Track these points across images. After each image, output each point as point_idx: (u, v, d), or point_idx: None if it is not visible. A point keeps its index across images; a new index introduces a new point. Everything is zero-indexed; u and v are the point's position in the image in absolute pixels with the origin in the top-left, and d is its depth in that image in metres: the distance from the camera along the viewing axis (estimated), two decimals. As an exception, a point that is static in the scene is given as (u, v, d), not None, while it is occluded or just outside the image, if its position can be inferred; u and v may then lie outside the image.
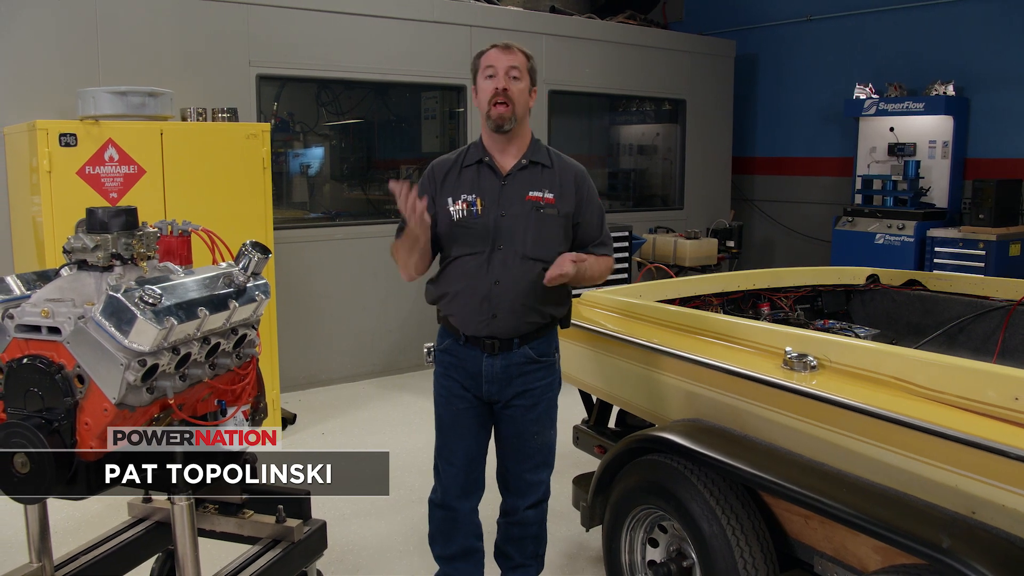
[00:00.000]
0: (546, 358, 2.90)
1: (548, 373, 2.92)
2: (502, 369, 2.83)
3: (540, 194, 2.80)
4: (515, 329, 2.80)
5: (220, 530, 2.95)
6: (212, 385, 2.50)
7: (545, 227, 2.79)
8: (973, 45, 7.73)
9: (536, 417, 2.90)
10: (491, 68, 2.76)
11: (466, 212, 2.78)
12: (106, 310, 2.13)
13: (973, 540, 1.98)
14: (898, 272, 4.42)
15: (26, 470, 2.17)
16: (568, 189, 2.84)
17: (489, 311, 2.77)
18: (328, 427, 5.54)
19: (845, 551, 2.40)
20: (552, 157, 2.89)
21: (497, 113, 2.75)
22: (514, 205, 2.79)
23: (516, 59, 2.77)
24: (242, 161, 4.96)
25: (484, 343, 2.81)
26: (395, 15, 6.70)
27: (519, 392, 2.86)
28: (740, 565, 2.48)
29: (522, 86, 2.77)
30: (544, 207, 2.79)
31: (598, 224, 2.92)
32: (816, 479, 2.33)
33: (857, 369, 2.46)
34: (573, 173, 2.89)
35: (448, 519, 3.02)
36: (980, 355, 3.75)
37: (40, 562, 2.62)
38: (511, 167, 2.82)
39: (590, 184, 2.93)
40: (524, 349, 2.83)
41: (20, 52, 5.19)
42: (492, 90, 2.75)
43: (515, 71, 2.75)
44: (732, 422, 2.71)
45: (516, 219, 2.77)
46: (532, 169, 2.84)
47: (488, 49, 2.82)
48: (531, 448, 2.93)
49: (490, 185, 2.81)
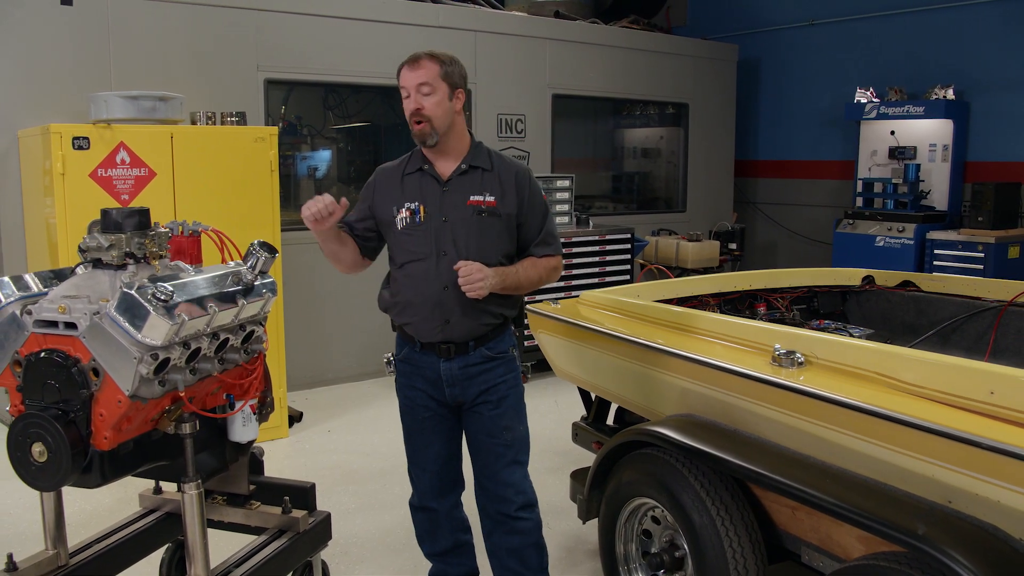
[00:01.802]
0: (503, 354, 2.91)
1: (508, 368, 2.93)
2: (460, 370, 2.85)
3: (481, 197, 2.81)
4: (469, 332, 2.82)
5: (228, 520, 3.05)
6: (221, 379, 2.60)
7: (487, 230, 2.81)
8: (973, 50, 7.78)
9: (503, 412, 2.90)
10: (403, 88, 2.77)
11: (409, 220, 2.82)
12: (120, 306, 2.23)
13: (949, 528, 2.05)
14: (893, 273, 4.50)
15: (44, 459, 2.26)
16: (509, 189, 2.84)
17: (442, 317, 2.79)
18: (333, 425, 5.63)
19: (831, 541, 2.48)
20: (493, 159, 2.89)
21: (417, 131, 2.77)
22: (456, 210, 2.80)
23: (425, 73, 2.74)
24: (250, 164, 5.06)
25: (440, 348, 2.83)
26: (401, 20, 6.80)
27: (483, 390, 2.88)
28: (729, 555, 2.56)
29: (436, 99, 2.75)
30: (485, 210, 2.80)
31: (539, 223, 2.91)
32: (802, 471, 2.41)
33: (842, 365, 2.55)
34: (514, 173, 2.88)
35: (430, 519, 3.07)
36: (972, 354, 3.82)
37: (56, 549, 2.71)
38: (451, 172, 2.84)
39: (533, 184, 2.91)
40: (480, 350, 2.86)
41: (34, 57, 5.31)
42: (408, 111, 2.77)
43: (425, 87, 2.73)
44: (723, 417, 2.79)
45: (458, 224, 2.79)
46: (472, 173, 2.84)
47: (400, 67, 2.81)
48: (501, 445, 2.92)
49: (432, 192, 2.83)
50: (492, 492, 2.96)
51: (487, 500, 3.00)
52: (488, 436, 2.91)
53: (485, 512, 3.03)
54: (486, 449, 2.93)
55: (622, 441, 2.97)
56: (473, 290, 2.69)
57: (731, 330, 2.95)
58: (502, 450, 2.91)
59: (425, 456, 2.99)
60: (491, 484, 2.96)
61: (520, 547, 2.97)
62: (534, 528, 2.99)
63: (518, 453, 2.96)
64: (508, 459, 2.93)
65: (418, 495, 3.06)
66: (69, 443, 2.24)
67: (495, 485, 2.95)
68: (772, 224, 9.75)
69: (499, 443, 2.91)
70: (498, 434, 2.90)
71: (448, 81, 2.77)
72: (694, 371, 2.89)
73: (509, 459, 2.93)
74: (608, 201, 9.44)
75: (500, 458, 2.92)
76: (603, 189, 9.72)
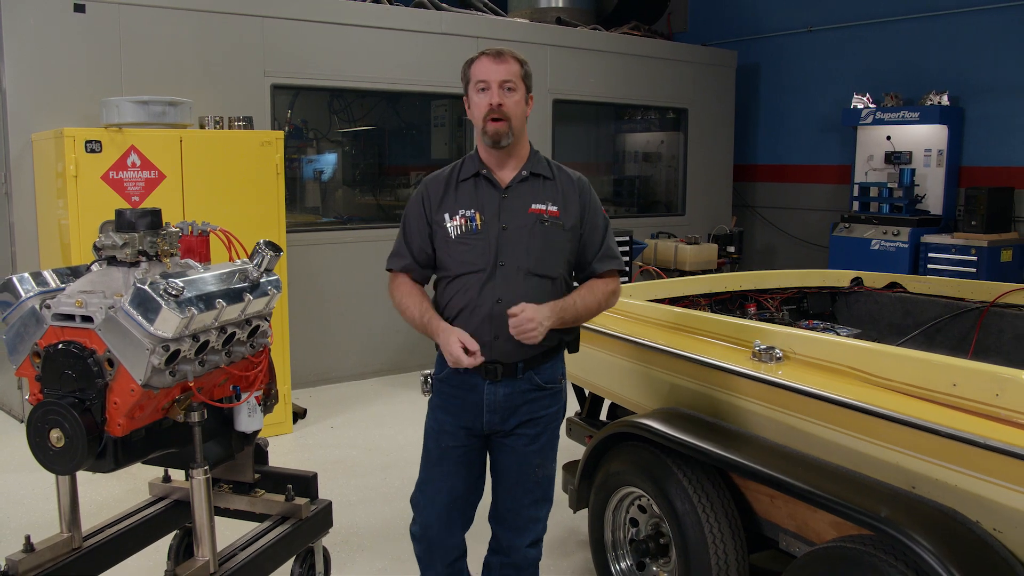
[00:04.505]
0: (552, 385, 2.70)
1: (555, 401, 2.72)
2: (505, 398, 2.62)
3: (543, 207, 2.62)
4: (519, 352, 2.58)
5: (234, 508, 3.19)
6: (228, 371, 2.74)
7: (549, 241, 2.60)
8: (967, 56, 7.90)
9: (539, 448, 2.70)
10: (483, 82, 2.56)
11: (465, 228, 2.59)
12: (134, 300, 2.37)
13: (912, 512, 2.18)
14: (880, 275, 4.62)
15: (61, 444, 2.41)
16: (572, 201, 2.66)
17: (491, 332, 2.55)
18: (337, 421, 5.77)
19: (807, 527, 2.61)
20: (553, 169, 2.71)
21: (494, 129, 2.55)
22: (516, 218, 2.60)
23: (510, 69, 2.56)
24: (257, 167, 5.19)
25: (486, 369, 2.59)
26: (405, 27, 6.95)
27: (524, 421, 2.66)
28: (710, 540, 2.69)
29: (517, 98, 2.57)
30: (548, 220, 2.60)
31: (601, 237, 2.72)
32: (777, 460, 2.54)
33: (818, 360, 2.67)
34: (576, 184, 2.71)
35: (432, 550, 2.80)
36: (956, 353, 3.93)
37: (70, 533, 2.85)
38: (511, 179, 2.64)
39: (594, 195, 2.74)
40: (529, 375, 2.63)
41: (48, 63, 5.46)
42: (487, 106, 2.55)
43: (509, 83, 2.55)
44: (706, 410, 2.92)
45: (518, 233, 2.59)
46: (533, 181, 2.65)
47: (478, 57, 2.60)
48: (531, 482, 2.72)
49: (490, 199, 2.62)
50: (511, 523, 2.77)
51: (500, 529, 2.81)
52: (518, 470, 2.71)
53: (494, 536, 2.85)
54: (514, 483, 2.72)
55: (610, 433, 3.10)
56: (525, 336, 2.47)
57: (715, 327, 3.07)
58: (531, 486, 2.72)
59: (439, 488, 2.73)
60: (513, 519, 2.77)
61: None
62: (535, 559, 2.84)
63: (546, 491, 2.78)
64: (536, 496, 2.74)
65: (421, 524, 2.80)
66: (85, 429, 2.38)
67: (517, 520, 2.76)
68: (771, 228, 9.88)
69: (529, 480, 2.72)
70: (530, 471, 2.71)
71: (526, 83, 2.62)
72: (679, 366, 3.02)
73: (537, 496, 2.75)
74: (609, 204, 9.56)
75: (528, 494, 2.73)
76: (604, 192, 9.84)
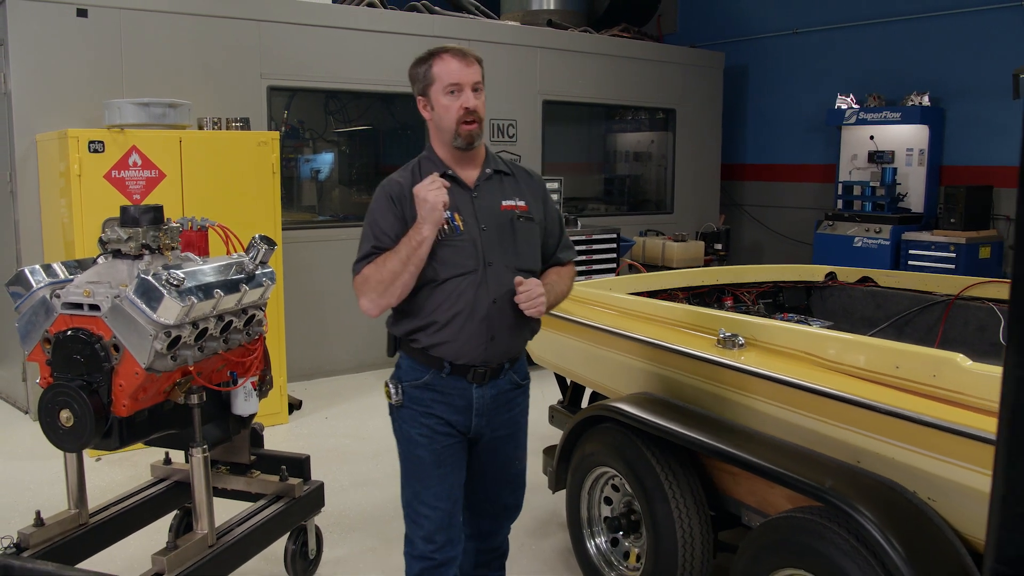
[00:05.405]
0: (526, 380, 2.78)
1: (525, 397, 2.80)
2: (492, 399, 2.64)
3: (513, 203, 2.64)
4: (509, 351, 2.63)
5: (231, 488, 3.39)
6: (225, 357, 2.93)
7: (527, 236, 2.64)
8: (947, 59, 8.08)
9: (517, 443, 2.79)
10: (456, 84, 2.54)
11: (447, 230, 2.52)
12: (138, 290, 2.56)
13: (856, 484, 2.37)
14: (854, 270, 4.81)
15: (70, 424, 2.60)
16: (535, 195, 2.72)
17: (488, 333, 2.54)
18: (331, 412, 5.95)
19: (766, 502, 2.80)
20: (510, 165, 2.75)
21: (467, 132, 2.55)
22: (492, 217, 2.59)
23: (478, 71, 2.59)
24: (253, 167, 5.37)
25: (475, 372, 2.57)
26: (398, 31, 7.12)
27: (504, 420, 2.70)
28: (676, 515, 2.88)
29: (483, 100, 2.61)
30: (521, 215, 2.63)
31: (560, 228, 2.82)
32: (736, 439, 2.73)
33: (777, 347, 2.86)
34: (535, 179, 2.78)
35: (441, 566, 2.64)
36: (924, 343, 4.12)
37: (77, 509, 3.05)
38: (476, 178, 2.63)
39: (547, 187, 2.84)
40: (510, 374, 2.68)
41: (51, 66, 5.64)
42: (461, 109, 2.54)
43: (479, 85, 2.59)
44: (675, 394, 3.11)
45: (499, 231, 2.59)
46: (496, 179, 2.67)
47: (440, 56, 2.58)
48: (511, 474, 2.80)
49: (462, 199, 2.58)
50: (488, 512, 2.84)
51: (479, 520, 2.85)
52: (499, 468, 2.77)
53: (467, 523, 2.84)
54: (495, 479, 2.78)
55: (586, 416, 3.29)
56: (534, 306, 2.50)
57: (683, 317, 3.26)
58: (511, 477, 2.81)
59: (440, 492, 2.62)
60: (494, 508, 2.84)
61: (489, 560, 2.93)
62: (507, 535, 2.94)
63: (523, 479, 2.86)
64: (515, 486, 2.84)
65: (423, 540, 2.63)
66: (93, 410, 2.58)
67: (497, 508, 2.84)
68: (758, 225, 10.07)
69: (509, 473, 2.80)
70: (509, 466, 2.79)
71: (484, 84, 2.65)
72: (650, 353, 3.21)
73: (516, 485, 2.85)
74: (600, 203, 9.76)
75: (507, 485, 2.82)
76: (596, 191, 10.05)
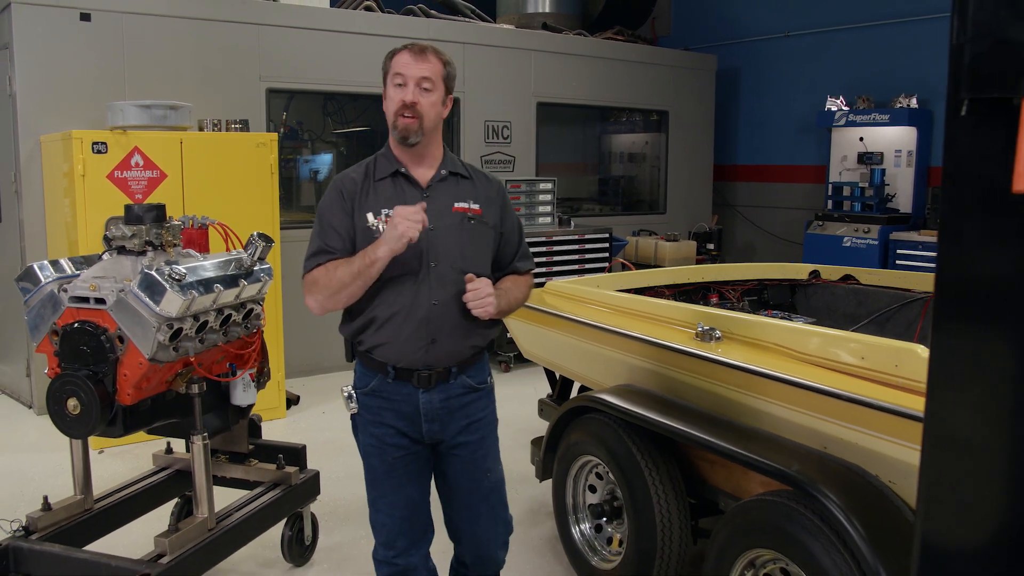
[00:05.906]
0: (483, 385, 2.66)
1: (489, 401, 2.68)
2: (441, 403, 2.54)
3: (466, 205, 2.56)
4: (455, 355, 2.53)
5: (230, 476, 3.52)
6: (225, 349, 3.07)
7: (477, 239, 2.57)
8: (935, 61, 8.17)
9: (485, 452, 2.65)
10: (401, 76, 2.47)
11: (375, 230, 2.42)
12: (142, 284, 2.70)
13: (823, 469, 2.49)
14: (837, 268, 4.94)
15: (77, 412, 2.74)
16: (493, 200, 2.63)
17: (428, 336, 2.47)
18: (328, 407, 6.07)
19: (741, 488, 2.94)
20: (469, 169, 2.68)
21: (403, 125, 2.47)
22: (442, 217, 2.51)
23: (430, 67, 2.49)
24: (252, 167, 5.50)
25: (419, 376, 2.50)
26: (395, 34, 7.23)
27: (464, 426, 2.59)
28: (655, 501, 3.01)
29: (433, 99, 2.50)
30: (472, 218, 2.56)
31: (519, 237, 2.74)
32: (712, 427, 2.85)
33: (751, 339, 2.99)
34: (494, 185, 2.70)
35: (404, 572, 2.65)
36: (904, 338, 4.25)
37: (83, 495, 3.18)
38: (430, 178, 2.57)
39: (508, 197, 2.75)
40: (461, 378, 2.57)
41: (55, 68, 5.77)
42: (399, 102, 2.47)
43: (427, 82, 2.48)
44: (656, 386, 3.24)
45: (448, 232, 2.51)
46: (451, 180, 2.60)
47: (400, 50, 2.53)
48: (485, 489, 2.67)
49: (412, 198, 2.48)
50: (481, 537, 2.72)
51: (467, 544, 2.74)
52: (470, 481, 2.64)
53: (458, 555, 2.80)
54: (468, 494, 2.66)
55: (571, 407, 3.42)
56: (482, 306, 2.45)
57: (664, 311, 3.39)
58: (486, 492, 2.67)
59: (394, 502, 2.59)
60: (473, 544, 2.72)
61: None
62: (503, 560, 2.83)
63: (503, 495, 2.74)
64: (493, 502, 2.70)
65: (383, 546, 2.63)
66: (98, 398, 2.71)
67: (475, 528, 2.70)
68: (750, 225, 10.20)
69: (483, 487, 2.66)
70: (480, 478, 2.65)
71: (446, 84, 2.56)
72: (632, 347, 3.34)
73: (494, 502, 2.70)
74: (595, 204, 9.91)
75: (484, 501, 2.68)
76: (590, 192, 10.19)
